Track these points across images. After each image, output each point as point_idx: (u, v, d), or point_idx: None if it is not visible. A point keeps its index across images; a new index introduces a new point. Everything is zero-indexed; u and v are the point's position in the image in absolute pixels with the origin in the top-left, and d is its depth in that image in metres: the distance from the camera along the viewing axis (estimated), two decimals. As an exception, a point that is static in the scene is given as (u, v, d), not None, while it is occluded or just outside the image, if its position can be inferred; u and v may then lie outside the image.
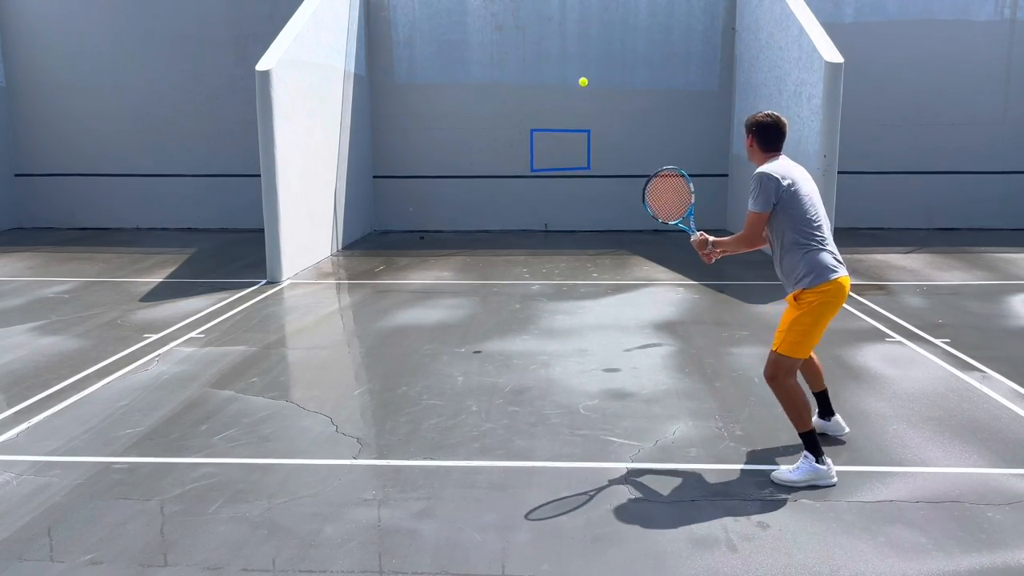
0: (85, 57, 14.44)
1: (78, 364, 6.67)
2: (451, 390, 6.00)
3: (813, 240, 4.39)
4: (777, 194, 4.35)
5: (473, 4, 14.01)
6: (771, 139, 4.54)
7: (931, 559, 3.70)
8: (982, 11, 13.61)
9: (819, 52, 9.56)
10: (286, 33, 10.69)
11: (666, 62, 14.01)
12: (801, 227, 4.37)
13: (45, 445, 5.05)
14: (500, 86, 14.14)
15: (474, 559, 3.75)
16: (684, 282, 9.91)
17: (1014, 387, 6.00)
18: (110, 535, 3.96)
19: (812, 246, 4.38)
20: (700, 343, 7.26)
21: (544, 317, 8.22)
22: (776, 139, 4.54)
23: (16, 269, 11.01)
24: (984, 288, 9.53)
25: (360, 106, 13.48)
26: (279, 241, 10.03)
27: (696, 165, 14.20)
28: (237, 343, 7.32)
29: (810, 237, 4.38)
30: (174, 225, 14.68)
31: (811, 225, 4.39)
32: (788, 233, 4.40)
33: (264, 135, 9.82)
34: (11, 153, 14.79)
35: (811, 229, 4.39)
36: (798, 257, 4.38)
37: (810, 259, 4.36)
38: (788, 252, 4.42)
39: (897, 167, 14.01)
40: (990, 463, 4.72)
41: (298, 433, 5.26)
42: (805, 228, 4.38)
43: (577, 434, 5.16)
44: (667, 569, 3.65)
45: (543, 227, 14.32)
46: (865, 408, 5.63)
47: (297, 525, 4.05)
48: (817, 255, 4.36)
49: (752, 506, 4.20)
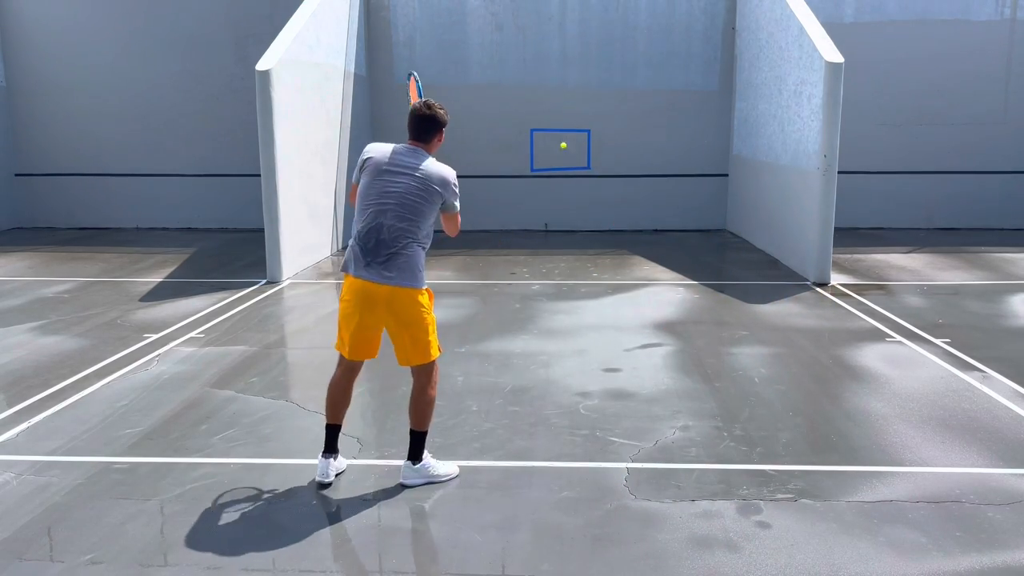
0: (85, 57, 14.43)
1: (78, 364, 6.67)
2: (451, 390, 6.00)
3: (354, 227, 4.28)
4: (360, 166, 4.31)
5: (473, 4, 14.01)
6: (410, 127, 4.36)
7: (931, 559, 3.70)
8: (982, 11, 13.61)
9: (819, 52, 9.56)
10: (286, 33, 10.68)
11: (666, 62, 14.01)
12: (357, 210, 4.28)
13: (45, 445, 5.05)
14: (500, 86, 14.13)
15: (474, 559, 3.75)
16: (684, 282, 9.91)
17: (1014, 387, 6.00)
18: (110, 535, 3.96)
19: (354, 232, 4.27)
20: (700, 343, 7.25)
21: (544, 317, 8.22)
22: (412, 127, 4.34)
23: (16, 269, 11.01)
24: (984, 288, 9.53)
25: (360, 106, 13.48)
26: (279, 241, 10.02)
27: (696, 165, 14.27)
28: (237, 343, 7.32)
29: (355, 223, 4.28)
30: (174, 225, 14.68)
31: (359, 212, 4.25)
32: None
33: (264, 135, 9.82)
34: (11, 153, 14.78)
35: (358, 215, 4.26)
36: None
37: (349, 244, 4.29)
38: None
39: (897, 167, 14.01)
40: (990, 463, 4.72)
41: (298, 433, 5.26)
42: (357, 213, 4.27)
43: (577, 434, 5.16)
44: (667, 569, 3.65)
45: (543, 227, 14.32)
46: (865, 408, 5.63)
47: (297, 525, 4.05)
48: (350, 242, 4.29)
49: (752, 506, 4.20)
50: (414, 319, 4.24)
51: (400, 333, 4.27)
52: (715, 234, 13.81)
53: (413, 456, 4.44)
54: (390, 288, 4.16)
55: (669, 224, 14.30)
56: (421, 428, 4.41)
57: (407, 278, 4.18)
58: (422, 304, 4.25)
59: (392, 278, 4.16)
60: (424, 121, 4.31)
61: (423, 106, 4.30)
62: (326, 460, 4.47)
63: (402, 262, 4.18)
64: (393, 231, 4.18)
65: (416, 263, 4.22)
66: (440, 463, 4.55)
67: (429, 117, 4.31)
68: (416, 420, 4.40)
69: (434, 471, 4.48)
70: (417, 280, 4.22)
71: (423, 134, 4.33)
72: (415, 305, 4.22)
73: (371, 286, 4.18)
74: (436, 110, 4.32)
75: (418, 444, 4.43)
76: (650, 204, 14.31)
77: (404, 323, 4.23)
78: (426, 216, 4.25)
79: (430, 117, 4.31)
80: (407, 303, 4.20)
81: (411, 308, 4.22)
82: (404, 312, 4.21)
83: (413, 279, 4.20)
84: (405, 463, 4.47)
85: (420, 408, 4.37)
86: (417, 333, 4.26)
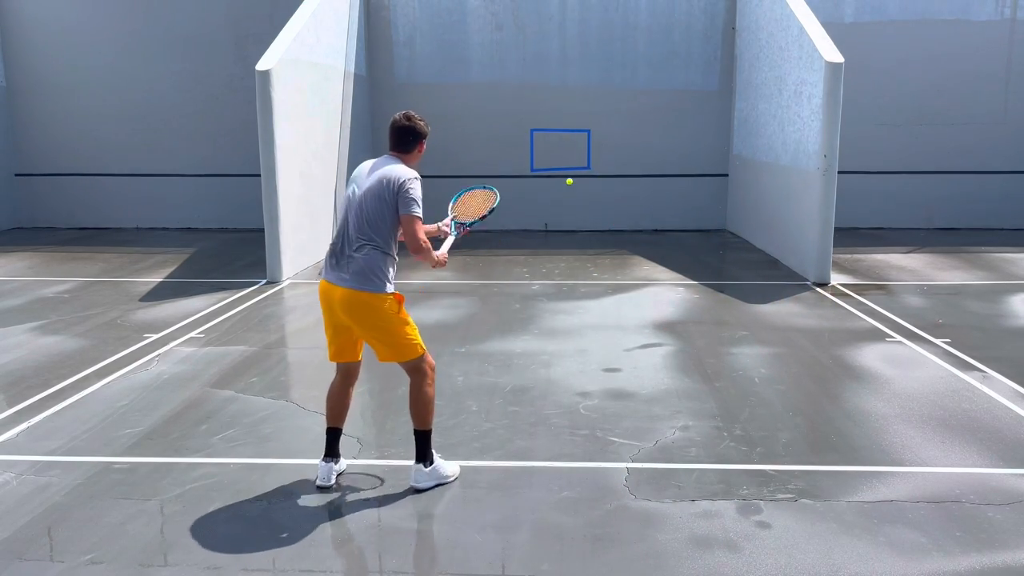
0: (85, 57, 14.43)
1: (78, 364, 6.67)
2: (451, 390, 6.00)
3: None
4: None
5: (473, 4, 14.01)
6: (390, 138, 4.40)
7: (931, 559, 3.70)
8: (982, 11, 13.61)
9: (819, 52, 9.56)
10: (286, 33, 10.68)
11: (666, 62, 14.01)
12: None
13: (45, 445, 5.05)
14: (500, 86, 14.13)
15: (474, 559, 3.75)
16: (684, 282, 9.91)
17: (1014, 387, 6.00)
18: (110, 535, 3.96)
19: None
20: (700, 343, 7.25)
21: (544, 317, 8.22)
22: (391, 137, 4.40)
23: (16, 269, 11.01)
24: (984, 288, 9.53)
25: (360, 106, 13.48)
26: (279, 241, 10.03)
27: (696, 165, 14.27)
28: (237, 343, 7.32)
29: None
30: (174, 225, 14.68)
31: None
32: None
33: (264, 135, 9.82)
34: (11, 153, 14.78)
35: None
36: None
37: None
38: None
39: (897, 167, 14.01)
40: (990, 463, 4.72)
41: (298, 433, 5.26)
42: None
43: (577, 434, 5.16)
44: (667, 569, 3.65)
45: (543, 227, 14.32)
46: (865, 408, 5.63)
47: (297, 525, 4.05)
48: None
49: (752, 506, 4.20)
50: (373, 323, 4.20)
51: (364, 335, 4.29)
52: (715, 234, 13.82)
53: (422, 458, 4.41)
54: (343, 290, 4.16)
55: (669, 224, 14.30)
56: (423, 427, 4.39)
57: (361, 282, 4.14)
58: (381, 308, 4.18)
59: (346, 280, 4.16)
60: (403, 132, 4.35)
61: (402, 117, 4.35)
62: (327, 464, 4.47)
63: (357, 266, 4.16)
64: (353, 235, 4.21)
65: (373, 267, 4.16)
66: (446, 463, 4.55)
67: (408, 128, 4.34)
68: (416, 419, 4.39)
69: (443, 471, 4.48)
70: (372, 284, 4.15)
71: (401, 144, 4.37)
72: (372, 309, 4.17)
73: (330, 287, 4.24)
74: (416, 121, 4.35)
75: (424, 444, 4.41)
76: (650, 204, 14.31)
77: (364, 327, 4.23)
78: (384, 220, 4.20)
79: (409, 128, 4.34)
80: (361, 307, 4.17)
81: (367, 312, 4.18)
82: (361, 316, 4.19)
83: (368, 283, 4.14)
84: (415, 466, 4.43)
85: (418, 406, 4.36)
86: (381, 336, 4.24)
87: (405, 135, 4.35)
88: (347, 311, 4.18)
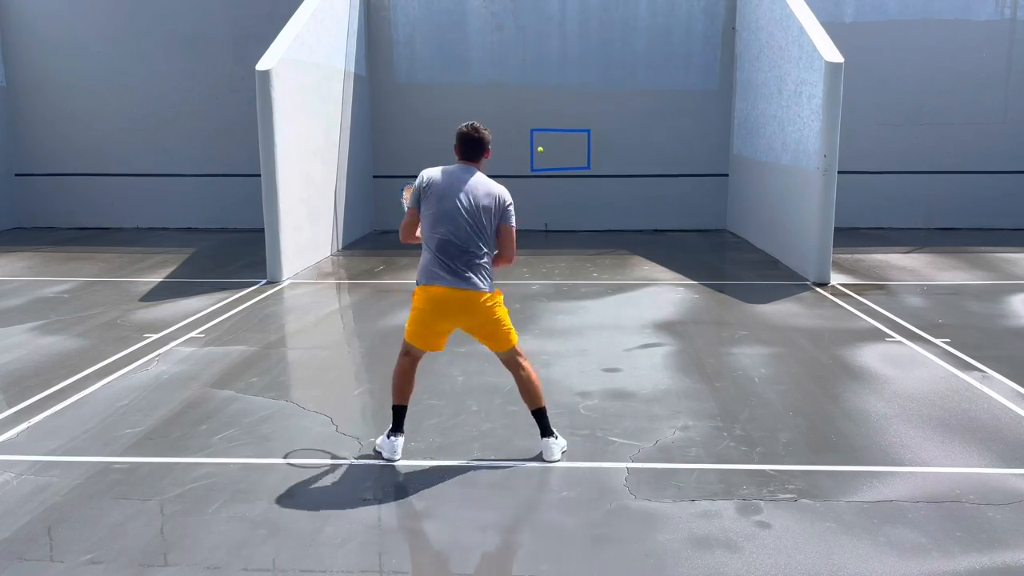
0: (85, 57, 14.44)
1: (78, 364, 6.67)
2: (451, 390, 6.00)
3: (427, 244, 4.64)
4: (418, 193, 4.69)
5: (473, 4, 14.01)
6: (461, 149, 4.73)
7: (931, 559, 3.69)
8: (982, 11, 13.62)
9: (819, 52, 9.56)
10: (286, 33, 10.68)
11: (666, 62, 14.01)
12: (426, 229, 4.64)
13: (45, 445, 5.05)
14: (500, 86, 14.14)
15: (474, 559, 3.75)
16: (684, 282, 9.91)
17: (1014, 387, 6.00)
18: (110, 535, 3.96)
19: (425, 249, 4.65)
20: (700, 343, 7.25)
21: (544, 317, 8.22)
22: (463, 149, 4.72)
23: (16, 269, 11.01)
24: (984, 288, 9.53)
25: (360, 106, 13.48)
26: (279, 241, 10.02)
27: (696, 165, 14.27)
28: (237, 343, 7.32)
29: (427, 240, 4.63)
30: (174, 225, 14.68)
31: (431, 229, 4.60)
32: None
33: (264, 135, 9.82)
34: (11, 153, 14.78)
35: (430, 232, 4.61)
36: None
37: (421, 260, 4.69)
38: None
39: (897, 167, 14.02)
40: (990, 463, 4.72)
41: (298, 433, 5.26)
42: (427, 231, 4.63)
43: (577, 434, 5.16)
44: (667, 569, 3.65)
45: (543, 227, 14.32)
46: (865, 408, 5.63)
47: (297, 525, 4.05)
48: (423, 257, 4.66)
49: (752, 506, 4.20)
50: (495, 318, 4.66)
51: (486, 329, 4.71)
52: (715, 234, 13.81)
53: (547, 433, 4.81)
54: (466, 292, 4.58)
55: (669, 224, 14.30)
56: (536, 406, 4.77)
57: (482, 284, 4.60)
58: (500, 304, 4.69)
59: (469, 282, 4.58)
60: (476, 143, 4.72)
61: (471, 129, 4.71)
62: (394, 440, 4.81)
63: (478, 271, 4.59)
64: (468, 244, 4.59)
65: (488, 271, 4.65)
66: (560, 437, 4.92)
67: (479, 139, 4.72)
68: (529, 401, 4.79)
69: (564, 441, 4.89)
70: (489, 285, 4.64)
71: (474, 154, 4.74)
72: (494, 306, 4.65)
73: (448, 291, 4.58)
74: (483, 132, 4.73)
75: (543, 421, 4.79)
76: (650, 204, 14.31)
77: (488, 322, 4.66)
78: (492, 229, 4.67)
79: (479, 139, 4.72)
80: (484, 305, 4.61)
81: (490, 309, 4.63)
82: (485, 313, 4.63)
83: (487, 284, 4.62)
84: (543, 441, 4.79)
85: (525, 390, 4.78)
86: (499, 327, 4.69)
87: (478, 145, 4.73)
88: (470, 311, 4.61)
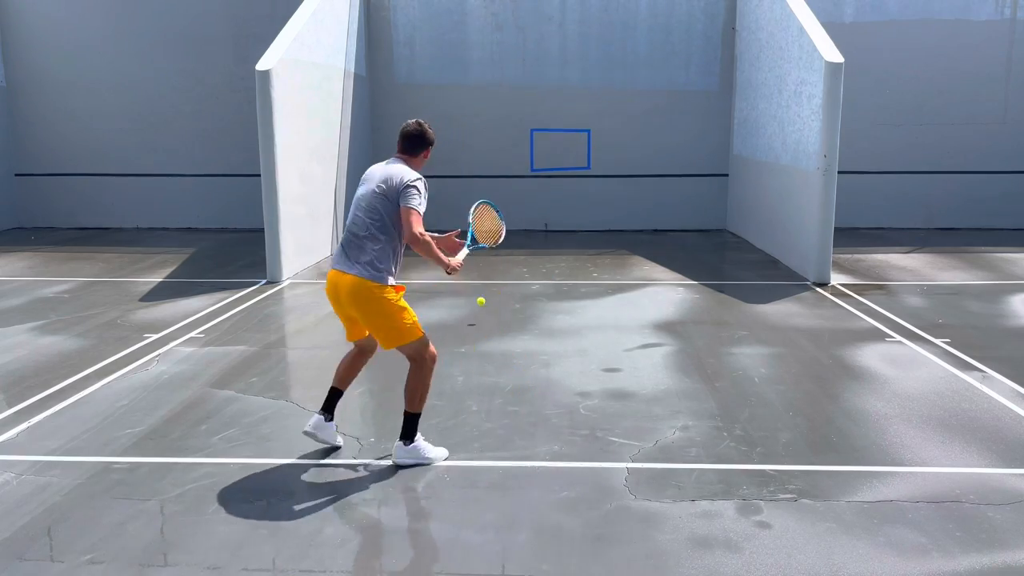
0: (85, 56, 14.44)
1: (78, 364, 6.67)
2: (451, 390, 6.00)
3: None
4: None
5: (473, 4, 14.01)
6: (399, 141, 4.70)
7: (931, 559, 3.69)
8: (982, 11, 13.62)
9: (819, 52, 9.56)
10: (286, 33, 10.68)
11: (666, 62, 14.01)
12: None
13: (45, 445, 5.05)
14: (500, 86, 14.14)
15: (474, 559, 3.75)
16: (684, 282, 9.91)
17: (1014, 387, 6.00)
18: (110, 535, 3.96)
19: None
20: (700, 343, 7.25)
21: (544, 317, 8.22)
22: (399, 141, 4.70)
23: (16, 269, 11.01)
24: (984, 288, 9.53)
25: (360, 106, 13.48)
26: (279, 241, 10.02)
27: (696, 165, 14.27)
28: (237, 343, 7.32)
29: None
30: (174, 225, 14.68)
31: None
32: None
33: (264, 135, 9.82)
34: (11, 153, 14.78)
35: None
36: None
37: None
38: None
39: (897, 167, 14.01)
40: (990, 463, 4.72)
41: (298, 433, 5.24)
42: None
43: (577, 434, 5.16)
44: (667, 569, 3.65)
45: (543, 227, 14.32)
46: (865, 408, 5.63)
47: (297, 525, 4.05)
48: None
49: (752, 506, 4.20)
50: (374, 310, 4.46)
51: (366, 323, 4.56)
52: (715, 234, 13.81)
53: (405, 436, 4.67)
54: (350, 278, 4.45)
55: (669, 224, 14.29)
56: (412, 409, 4.64)
57: (366, 272, 4.43)
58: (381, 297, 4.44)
59: (353, 269, 4.46)
60: (413, 137, 4.67)
61: (415, 124, 4.68)
62: (320, 416, 4.79)
63: (364, 258, 4.45)
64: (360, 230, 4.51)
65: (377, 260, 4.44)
66: (432, 447, 4.75)
67: (418, 134, 4.67)
68: (408, 401, 4.64)
69: (425, 453, 4.71)
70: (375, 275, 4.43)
71: (409, 148, 4.69)
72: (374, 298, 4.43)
73: (338, 275, 4.52)
74: (426, 129, 4.68)
75: (410, 424, 4.66)
76: (650, 204, 14.31)
77: (366, 314, 4.50)
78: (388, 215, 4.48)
79: (419, 134, 4.67)
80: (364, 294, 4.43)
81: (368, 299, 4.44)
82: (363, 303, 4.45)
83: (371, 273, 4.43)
84: (397, 443, 4.70)
85: (409, 389, 4.62)
86: (381, 321, 4.49)
87: (414, 140, 4.67)
88: (351, 298, 4.46)
